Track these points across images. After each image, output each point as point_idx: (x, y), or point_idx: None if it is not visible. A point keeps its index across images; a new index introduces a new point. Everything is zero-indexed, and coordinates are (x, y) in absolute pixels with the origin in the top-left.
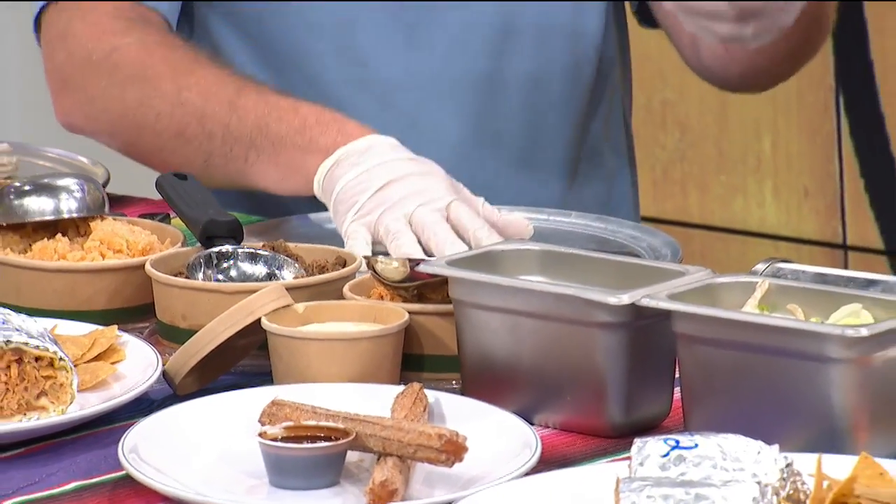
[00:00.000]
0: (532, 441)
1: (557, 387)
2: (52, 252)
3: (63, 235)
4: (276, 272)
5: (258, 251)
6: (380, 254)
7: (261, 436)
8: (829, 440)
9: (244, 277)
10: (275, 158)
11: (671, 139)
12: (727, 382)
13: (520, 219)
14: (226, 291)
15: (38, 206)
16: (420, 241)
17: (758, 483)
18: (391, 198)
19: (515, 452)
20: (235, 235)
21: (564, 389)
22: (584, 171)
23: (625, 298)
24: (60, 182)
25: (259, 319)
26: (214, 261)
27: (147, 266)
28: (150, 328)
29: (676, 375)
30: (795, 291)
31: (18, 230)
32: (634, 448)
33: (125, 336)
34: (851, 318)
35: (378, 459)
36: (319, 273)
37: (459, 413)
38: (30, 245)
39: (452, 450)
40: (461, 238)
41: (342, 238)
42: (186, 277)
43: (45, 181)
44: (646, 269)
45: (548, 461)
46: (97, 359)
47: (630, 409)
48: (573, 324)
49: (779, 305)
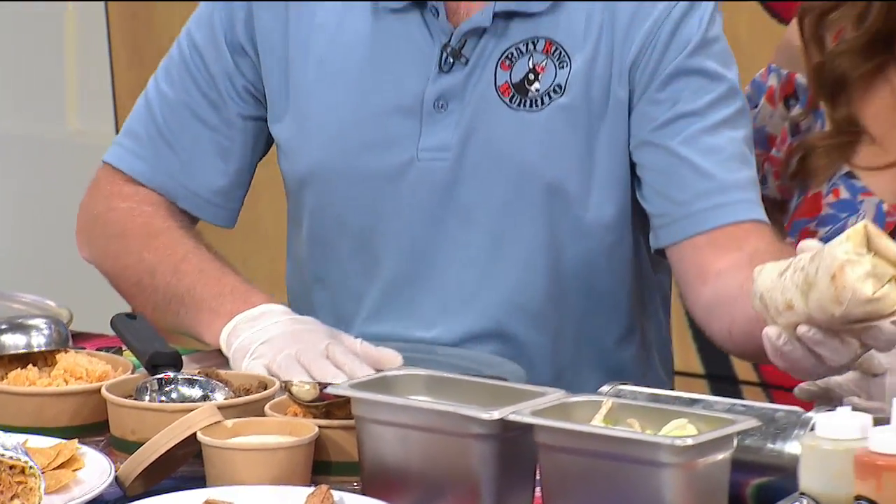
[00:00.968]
0: None
1: (440, 487)
2: (25, 379)
3: (34, 366)
4: (210, 394)
5: (194, 377)
6: (297, 380)
7: None
8: None
9: (183, 399)
10: (197, 316)
11: None
12: (579, 483)
13: (391, 352)
14: (167, 410)
15: (13, 342)
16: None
17: None
18: (280, 344)
19: None
20: (176, 364)
21: (446, 489)
22: None
23: (495, 414)
24: (31, 322)
25: (195, 433)
26: (158, 385)
27: (103, 390)
28: (105, 441)
29: (537, 477)
30: (634, 409)
31: None
32: None
33: (84, 448)
34: (679, 430)
35: None
36: (245, 395)
37: None
38: (6, 374)
39: None
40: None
41: None
42: (135, 399)
43: (19, 321)
44: (511, 391)
45: None
46: (61, 467)
47: (503, 501)
48: (453, 435)
49: (620, 420)
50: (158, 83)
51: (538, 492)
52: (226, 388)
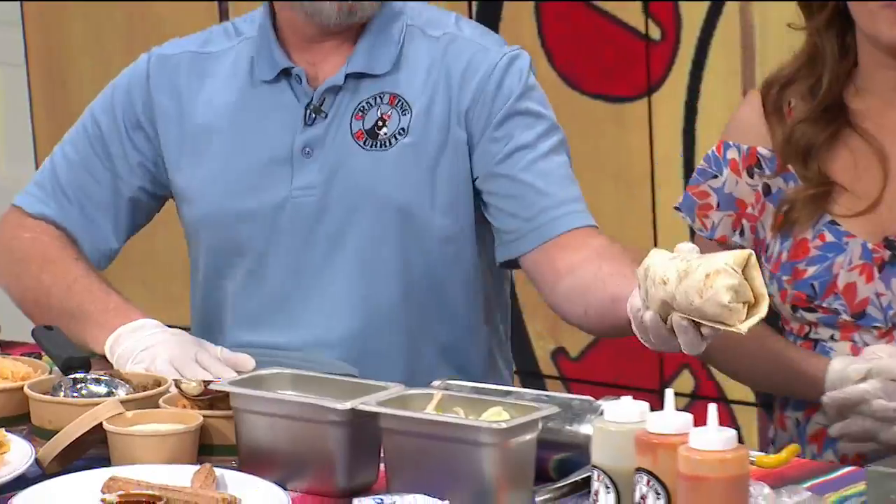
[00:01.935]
0: (285, 500)
1: (302, 464)
2: None
3: None
4: (113, 391)
5: (101, 377)
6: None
7: (102, 501)
8: (482, 497)
9: (91, 395)
10: (85, 329)
11: None
12: (415, 460)
13: (246, 357)
14: (79, 404)
15: None
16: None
17: None
18: (156, 351)
19: None
20: (86, 367)
21: (307, 466)
22: None
23: (347, 405)
24: None
25: (101, 423)
26: (71, 384)
27: (25, 388)
28: (27, 429)
29: (382, 455)
30: (459, 399)
31: None
32: (354, 502)
33: (10, 435)
34: (495, 416)
35: None
36: (143, 391)
37: (236, 483)
38: None
39: None
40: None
41: None
42: (52, 395)
43: None
44: (360, 386)
45: None
46: None
47: (351, 479)
48: (312, 422)
49: (448, 408)
50: (64, 148)
51: (382, 467)
52: (127, 386)
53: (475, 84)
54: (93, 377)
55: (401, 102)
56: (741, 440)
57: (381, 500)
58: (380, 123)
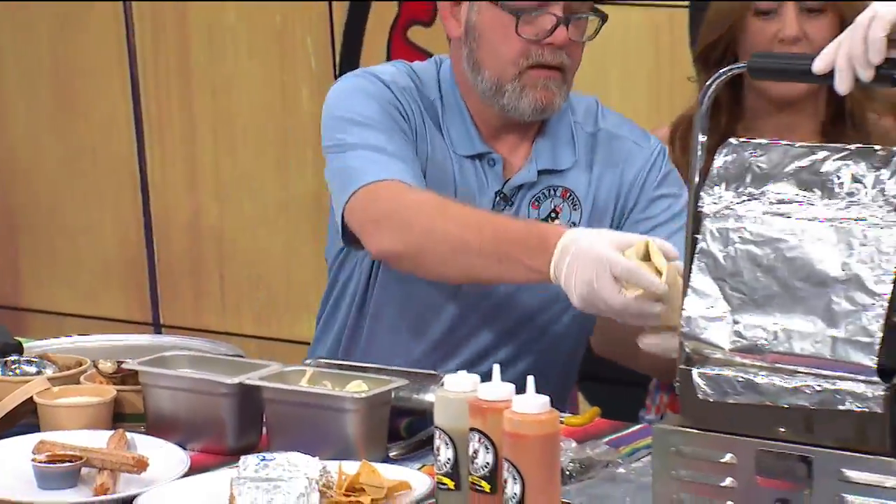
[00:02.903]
0: (185, 458)
1: (199, 429)
2: None
3: None
4: (42, 370)
5: (31, 359)
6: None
7: (33, 460)
8: (345, 453)
9: (24, 374)
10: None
11: None
12: (291, 424)
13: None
14: (13, 382)
15: None
16: None
17: (307, 478)
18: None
19: (175, 465)
20: (19, 351)
21: (203, 430)
22: None
23: (235, 380)
24: None
25: (32, 396)
26: (5, 365)
27: None
28: None
29: (264, 420)
30: (328, 374)
31: None
32: (241, 461)
33: None
34: (357, 388)
35: (99, 471)
36: (67, 370)
37: (144, 444)
38: None
39: (140, 465)
40: None
41: None
42: None
43: None
44: (245, 364)
45: (195, 469)
46: None
47: (239, 440)
48: (207, 395)
49: (318, 382)
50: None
51: (265, 431)
52: (54, 366)
53: (631, 177)
54: (25, 359)
55: (572, 197)
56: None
57: (264, 458)
58: (553, 215)
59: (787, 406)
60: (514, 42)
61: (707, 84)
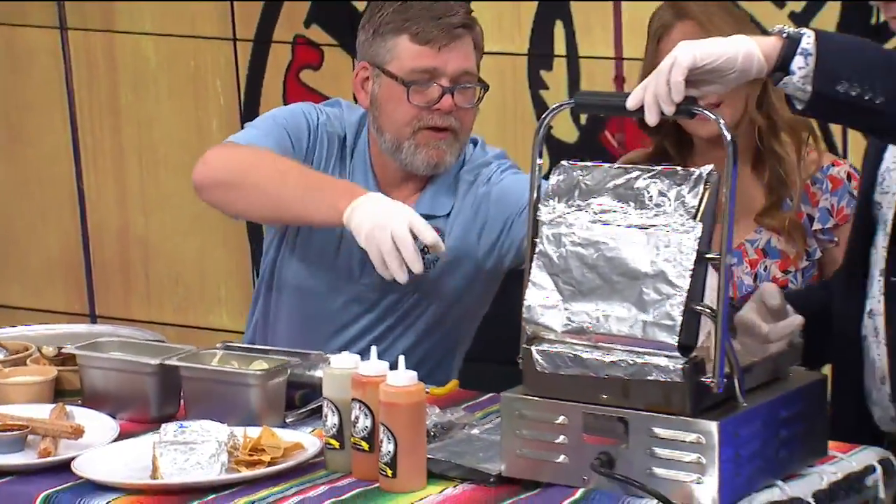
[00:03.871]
0: (115, 426)
1: (127, 402)
2: None
3: None
4: None
5: None
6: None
7: None
8: (249, 420)
9: None
10: (330, 196)
11: None
12: (204, 397)
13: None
14: None
15: None
16: None
17: (218, 441)
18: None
19: (107, 432)
20: None
21: (130, 403)
22: None
23: (157, 360)
24: None
25: None
26: None
27: None
28: None
29: (182, 394)
30: (235, 355)
31: None
32: (162, 428)
33: None
34: (258, 366)
35: (42, 438)
36: (16, 354)
37: (81, 415)
38: None
39: (77, 432)
40: None
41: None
42: None
43: None
44: (166, 348)
45: (124, 435)
46: None
47: (160, 411)
48: (135, 373)
49: (227, 361)
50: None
51: (182, 403)
52: (5, 351)
53: (500, 226)
54: None
55: (444, 236)
56: None
57: (181, 425)
58: (425, 249)
59: (607, 377)
60: (407, 108)
61: (541, 118)
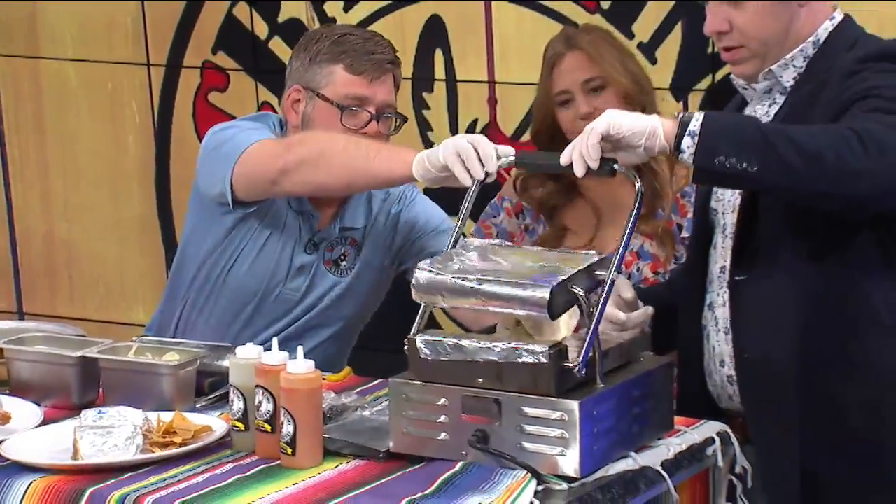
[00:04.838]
0: (39, 413)
1: (52, 390)
2: None
3: None
4: None
5: None
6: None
7: None
8: (163, 406)
9: None
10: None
11: None
12: (121, 385)
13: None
14: None
15: None
16: None
17: (133, 425)
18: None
19: (32, 418)
20: None
21: (53, 392)
22: None
23: (78, 353)
24: None
25: None
26: None
27: None
28: None
29: (101, 383)
30: (150, 348)
31: None
32: (83, 413)
33: None
34: (171, 357)
35: None
36: None
37: (8, 403)
38: None
39: (4, 418)
40: None
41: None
42: None
43: None
44: (87, 342)
45: (48, 420)
46: None
47: (81, 398)
48: (57, 365)
49: (142, 354)
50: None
51: (101, 391)
52: None
53: (407, 241)
54: None
55: (358, 245)
56: None
57: (100, 411)
58: (342, 257)
59: (483, 361)
60: (339, 129)
61: (470, 191)
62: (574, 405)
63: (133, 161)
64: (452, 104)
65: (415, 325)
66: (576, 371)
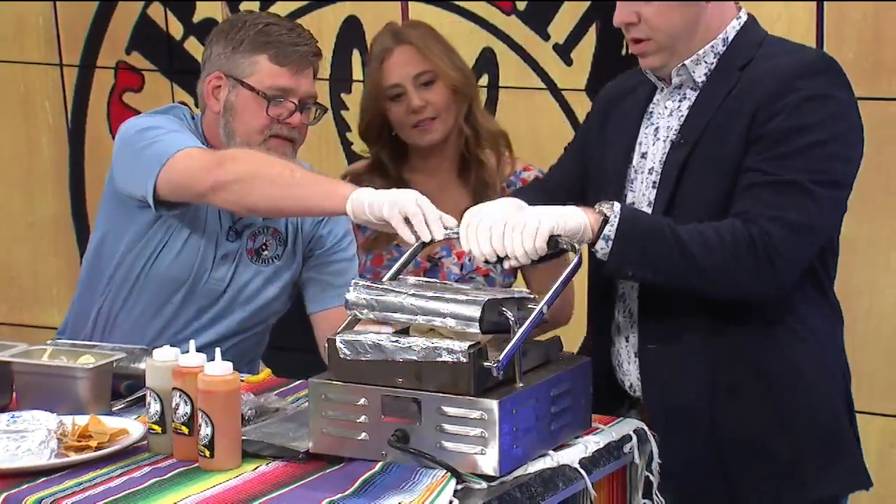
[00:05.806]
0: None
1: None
2: None
3: None
4: None
5: None
6: None
7: None
8: (79, 409)
9: None
10: (332, 186)
11: None
12: (35, 388)
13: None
14: None
15: None
16: None
17: (47, 429)
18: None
19: None
20: None
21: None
22: None
23: (7, 355)
24: None
25: None
26: None
27: None
28: None
29: (14, 387)
30: (64, 351)
31: None
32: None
33: None
34: (85, 360)
35: None
36: None
37: None
38: None
39: None
40: None
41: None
42: None
43: None
44: (1, 346)
45: None
46: None
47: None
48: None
49: (56, 357)
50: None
51: (15, 395)
52: None
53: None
54: None
55: (279, 236)
56: None
57: (14, 415)
58: (263, 247)
59: (403, 360)
60: (263, 118)
61: (413, 250)
62: (493, 404)
63: (47, 162)
64: None
65: (340, 328)
66: (494, 370)
